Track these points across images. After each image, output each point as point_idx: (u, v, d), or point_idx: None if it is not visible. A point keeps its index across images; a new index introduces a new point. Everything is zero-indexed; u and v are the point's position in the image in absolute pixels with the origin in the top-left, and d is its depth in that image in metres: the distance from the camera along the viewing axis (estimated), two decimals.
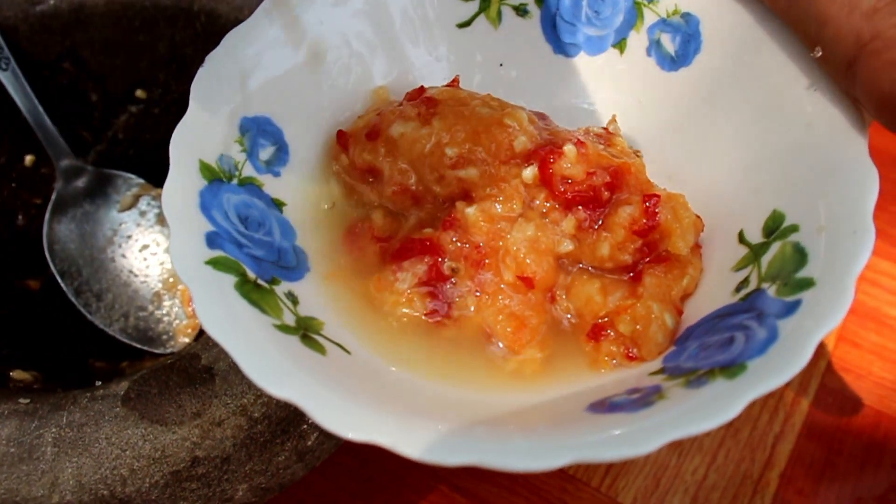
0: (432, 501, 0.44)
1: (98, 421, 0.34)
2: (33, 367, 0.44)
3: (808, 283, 0.27)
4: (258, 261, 0.30)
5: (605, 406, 0.26)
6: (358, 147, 0.36)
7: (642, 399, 0.25)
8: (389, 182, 0.35)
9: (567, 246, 0.32)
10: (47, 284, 0.50)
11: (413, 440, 0.23)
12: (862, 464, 0.46)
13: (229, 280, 0.28)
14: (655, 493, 0.45)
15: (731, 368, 0.25)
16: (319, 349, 0.28)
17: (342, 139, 0.36)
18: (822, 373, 0.50)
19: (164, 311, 0.49)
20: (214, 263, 0.28)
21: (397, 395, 0.28)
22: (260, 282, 0.29)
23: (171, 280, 0.50)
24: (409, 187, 0.34)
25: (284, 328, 0.28)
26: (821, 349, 0.50)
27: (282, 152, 0.35)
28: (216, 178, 0.31)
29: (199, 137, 0.31)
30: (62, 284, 0.49)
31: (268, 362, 0.25)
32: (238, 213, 0.31)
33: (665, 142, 0.37)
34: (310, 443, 0.35)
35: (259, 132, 0.34)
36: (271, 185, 0.34)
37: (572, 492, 0.45)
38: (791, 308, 0.26)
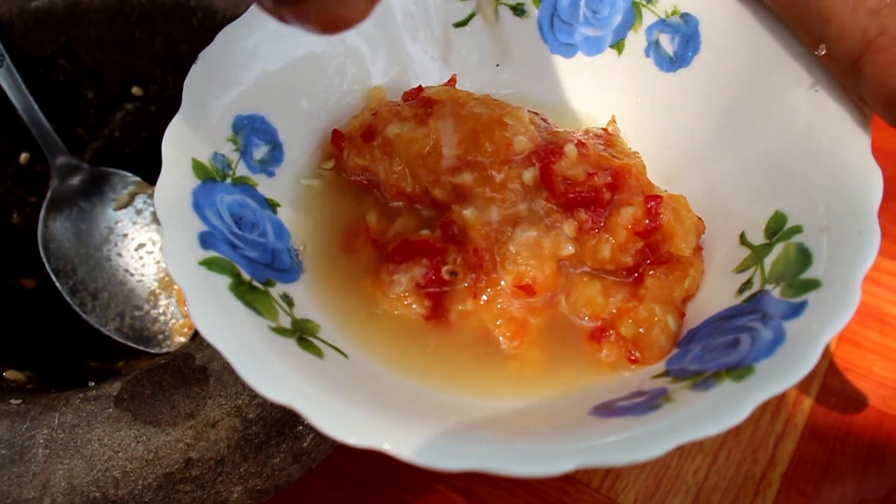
0: (430, 502, 0.44)
1: (90, 422, 0.33)
2: (27, 368, 0.43)
3: (813, 284, 0.26)
4: (252, 262, 0.30)
5: (610, 409, 0.25)
6: (353, 147, 0.35)
7: (648, 402, 0.25)
8: (385, 184, 0.34)
9: (569, 249, 0.31)
10: (42, 283, 0.50)
11: (413, 445, 0.23)
12: (864, 464, 0.45)
13: (224, 281, 0.27)
14: (656, 495, 0.44)
15: (739, 370, 0.24)
16: (316, 352, 0.28)
17: (337, 139, 0.36)
18: (823, 373, 0.49)
19: (161, 311, 0.49)
20: (208, 264, 0.27)
21: (396, 400, 0.27)
22: (255, 283, 0.29)
23: (167, 279, 0.49)
24: (405, 189, 0.34)
25: (280, 330, 0.27)
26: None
27: (276, 152, 0.34)
28: (209, 177, 0.30)
29: (191, 135, 0.31)
30: (57, 283, 0.48)
31: (264, 365, 0.25)
32: (232, 214, 0.31)
33: (664, 143, 0.37)
34: (306, 444, 0.35)
35: (253, 131, 0.34)
36: (265, 186, 0.33)
37: (572, 493, 0.44)
38: (797, 309, 0.26)
